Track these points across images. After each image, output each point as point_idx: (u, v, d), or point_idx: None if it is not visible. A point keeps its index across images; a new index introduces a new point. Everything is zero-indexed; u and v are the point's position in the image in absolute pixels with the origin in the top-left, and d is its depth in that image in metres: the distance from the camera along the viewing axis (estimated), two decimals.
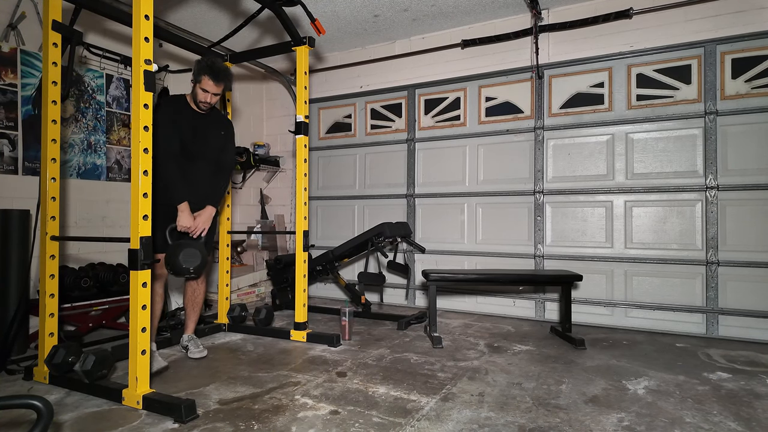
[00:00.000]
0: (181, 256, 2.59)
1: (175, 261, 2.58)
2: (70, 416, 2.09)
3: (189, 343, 3.05)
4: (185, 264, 2.59)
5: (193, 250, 2.64)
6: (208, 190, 2.90)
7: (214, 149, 2.94)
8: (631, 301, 3.76)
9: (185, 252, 2.61)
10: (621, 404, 2.24)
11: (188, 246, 2.64)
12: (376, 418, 2.06)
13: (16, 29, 3.32)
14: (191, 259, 2.62)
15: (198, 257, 2.65)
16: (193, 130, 2.85)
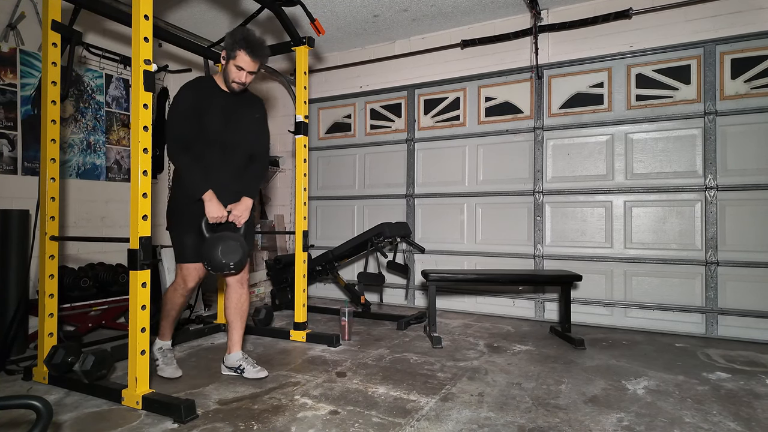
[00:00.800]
0: (219, 250, 2.29)
1: (213, 255, 2.28)
2: (69, 416, 2.09)
3: (243, 363, 2.58)
4: (225, 258, 2.30)
5: (233, 243, 2.34)
6: (245, 181, 2.55)
7: (249, 135, 2.56)
8: (631, 301, 3.76)
9: (225, 245, 2.31)
10: (620, 404, 2.24)
11: (228, 239, 2.34)
12: (375, 418, 2.06)
13: (15, 29, 3.32)
14: (231, 254, 2.32)
15: (238, 251, 2.34)
16: (224, 115, 2.46)
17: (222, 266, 2.31)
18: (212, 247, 2.30)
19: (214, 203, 2.37)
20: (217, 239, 2.32)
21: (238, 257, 2.34)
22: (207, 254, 2.31)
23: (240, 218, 2.47)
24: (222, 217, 2.38)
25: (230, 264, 2.32)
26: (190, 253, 2.44)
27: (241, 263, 2.36)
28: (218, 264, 2.31)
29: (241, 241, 2.39)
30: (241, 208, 2.48)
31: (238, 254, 2.35)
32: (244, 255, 2.38)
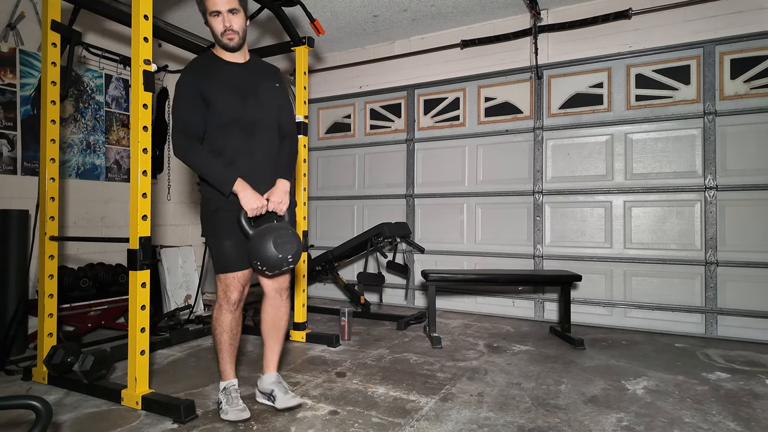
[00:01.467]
0: (272, 243, 1.89)
1: (266, 251, 1.89)
2: (69, 417, 2.09)
3: (275, 387, 2.18)
4: (281, 251, 1.89)
5: (286, 233, 1.93)
6: (276, 162, 2.14)
7: (272, 108, 2.13)
8: (630, 301, 3.76)
9: (277, 236, 1.91)
10: (620, 404, 2.24)
11: (278, 229, 1.94)
12: (375, 419, 2.06)
13: (15, 29, 3.32)
14: (286, 244, 1.91)
15: (293, 241, 1.94)
16: (237, 90, 2.06)
17: (279, 261, 1.91)
18: (262, 242, 1.90)
19: (249, 192, 1.98)
20: (265, 232, 1.92)
21: (294, 247, 1.95)
22: (257, 252, 1.90)
23: (281, 204, 2.05)
24: (261, 206, 1.99)
25: (288, 257, 1.91)
26: (232, 259, 2.05)
27: (299, 254, 1.98)
28: (274, 260, 1.90)
29: (292, 230, 2.00)
30: (279, 193, 2.06)
31: (294, 244, 1.95)
32: (299, 245, 1.98)
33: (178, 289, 4.08)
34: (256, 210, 1.98)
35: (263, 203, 1.99)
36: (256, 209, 1.98)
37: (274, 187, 2.07)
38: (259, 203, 1.98)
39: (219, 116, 2.01)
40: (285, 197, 2.07)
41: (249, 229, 1.94)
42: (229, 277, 2.06)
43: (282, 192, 2.07)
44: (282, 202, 2.05)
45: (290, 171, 2.16)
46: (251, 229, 1.95)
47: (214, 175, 1.97)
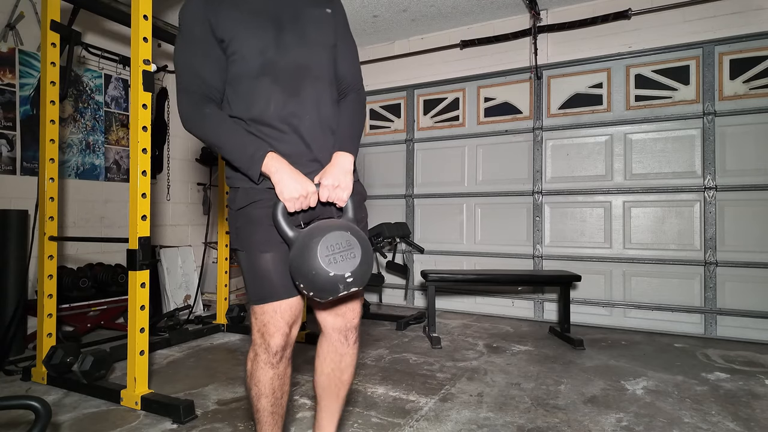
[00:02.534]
0: (318, 253, 1.20)
1: (310, 266, 1.21)
2: (68, 417, 2.09)
3: None
4: (334, 267, 1.21)
5: (341, 235, 1.25)
6: (333, 126, 1.44)
7: (325, 48, 1.43)
8: (630, 302, 3.76)
9: (326, 241, 1.22)
10: (619, 404, 2.25)
11: (330, 229, 1.26)
12: (375, 419, 2.06)
13: (14, 29, 3.32)
14: (342, 255, 1.23)
15: (355, 249, 1.25)
16: (272, 21, 1.37)
17: (331, 283, 1.21)
18: (305, 252, 1.22)
19: (286, 174, 1.29)
20: (311, 235, 1.24)
21: (356, 260, 1.23)
22: (299, 267, 1.23)
23: (338, 190, 1.34)
24: (306, 195, 1.30)
25: (345, 275, 1.21)
26: (273, 282, 1.34)
27: (364, 272, 1.27)
28: (323, 280, 1.20)
29: (353, 229, 1.29)
30: (335, 173, 1.35)
31: (356, 255, 1.24)
32: (365, 256, 1.26)
33: (177, 289, 4.08)
34: (298, 201, 1.29)
35: (309, 190, 1.30)
36: (298, 200, 1.29)
37: (329, 165, 1.36)
38: (303, 190, 1.28)
39: (242, 63, 1.33)
40: (345, 179, 1.35)
41: (289, 231, 1.27)
42: (268, 310, 1.33)
43: (340, 171, 1.35)
44: (339, 186, 1.33)
45: (354, 141, 1.44)
46: (293, 230, 1.27)
47: (235, 149, 1.30)
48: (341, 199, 1.35)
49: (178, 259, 4.15)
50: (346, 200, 1.36)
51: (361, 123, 1.49)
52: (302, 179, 1.30)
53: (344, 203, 1.36)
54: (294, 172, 1.30)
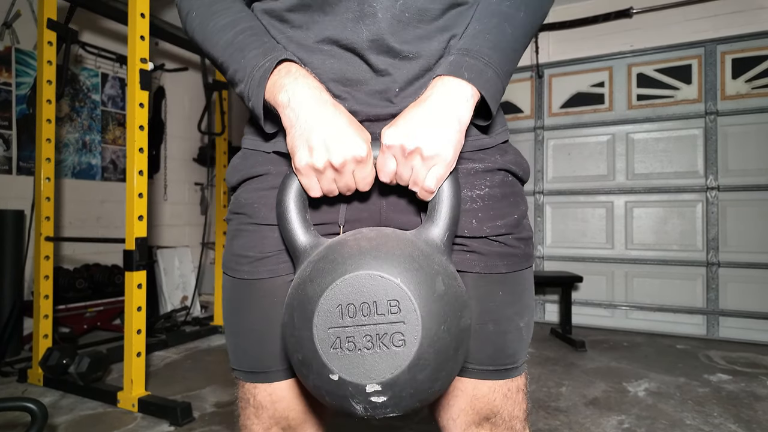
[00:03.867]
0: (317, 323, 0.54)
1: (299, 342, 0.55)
2: (64, 419, 2.07)
3: None
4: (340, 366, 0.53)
5: (387, 284, 0.53)
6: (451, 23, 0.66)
7: None
8: (632, 303, 3.74)
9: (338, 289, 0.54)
10: (621, 406, 2.23)
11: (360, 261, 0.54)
12: (374, 421, 2.04)
13: (10, 28, 3.29)
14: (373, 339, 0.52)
15: (411, 321, 0.52)
16: None
17: (332, 391, 0.56)
18: (302, 301, 0.56)
19: (309, 105, 0.61)
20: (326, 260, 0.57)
21: (400, 354, 0.52)
22: (287, 325, 0.58)
23: (417, 159, 0.60)
24: (343, 162, 0.60)
25: (365, 387, 0.53)
26: (238, 341, 0.75)
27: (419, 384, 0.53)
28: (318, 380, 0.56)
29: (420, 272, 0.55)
30: (416, 123, 0.60)
31: (405, 337, 0.52)
32: (428, 343, 0.52)
33: (174, 290, 4.05)
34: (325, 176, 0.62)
35: (352, 153, 0.60)
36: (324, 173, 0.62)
37: (410, 106, 0.63)
38: (339, 150, 0.60)
39: None
40: (433, 136, 0.59)
41: (301, 232, 0.64)
42: (241, 391, 0.80)
43: (426, 118, 0.60)
44: (419, 150, 0.59)
45: (485, 52, 0.63)
46: (308, 232, 0.64)
47: (226, 42, 0.68)
48: (420, 181, 0.61)
49: (175, 259, 4.12)
50: (435, 187, 0.61)
51: (519, 19, 0.65)
52: (345, 129, 0.61)
53: (429, 193, 0.62)
54: (329, 108, 0.62)
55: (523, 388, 0.75)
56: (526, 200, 0.75)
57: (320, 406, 0.76)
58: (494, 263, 0.69)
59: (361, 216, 0.70)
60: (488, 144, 0.71)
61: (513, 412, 0.72)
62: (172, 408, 2.03)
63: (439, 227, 0.61)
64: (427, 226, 0.61)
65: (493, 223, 0.69)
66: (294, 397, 0.73)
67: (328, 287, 0.54)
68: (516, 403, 0.73)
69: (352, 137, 0.60)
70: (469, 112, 0.62)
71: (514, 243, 0.70)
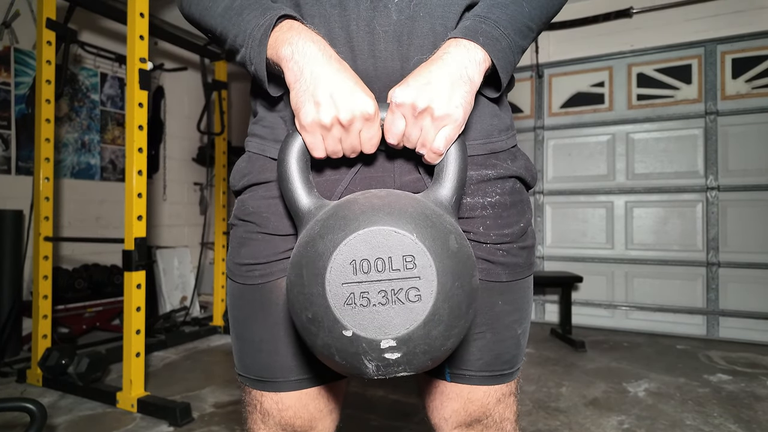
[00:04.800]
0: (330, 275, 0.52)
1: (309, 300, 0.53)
2: (63, 419, 2.07)
3: None
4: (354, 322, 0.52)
5: (402, 238, 0.52)
6: None
7: None
8: (632, 303, 3.74)
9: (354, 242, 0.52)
10: (621, 407, 2.22)
11: (375, 216, 0.53)
12: (374, 422, 2.04)
13: (9, 27, 3.29)
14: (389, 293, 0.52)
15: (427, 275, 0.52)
16: None
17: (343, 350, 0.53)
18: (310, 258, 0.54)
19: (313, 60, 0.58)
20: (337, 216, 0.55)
21: (416, 308, 0.52)
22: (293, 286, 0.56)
23: (428, 119, 0.58)
24: (350, 120, 0.58)
25: (380, 342, 0.52)
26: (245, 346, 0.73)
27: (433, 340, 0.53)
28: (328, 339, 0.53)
29: (435, 228, 0.54)
30: (426, 82, 0.58)
31: (421, 292, 0.52)
32: (444, 299, 0.52)
33: (173, 290, 4.05)
34: (331, 133, 0.59)
35: (360, 110, 0.58)
36: (330, 130, 0.59)
37: (425, 63, 0.61)
38: (345, 106, 0.58)
39: None
40: (444, 95, 0.58)
41: (304, 193, 0.61)
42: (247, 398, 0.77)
43: (437, 77, 0.58)
44: (429, 109, 0.58)
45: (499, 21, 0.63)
46: (312, 194, 0.62)
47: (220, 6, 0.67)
48: (428, 142, 0.60)
49: (174, 260, 4.11)
50: (444, 149, 0.60)
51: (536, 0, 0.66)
52: (352, 85, 0.59)
53: (438, 156, 0.61)
54: (335, 63, 0.60)
55: (514, 392, 0.76)
56: (531, 207, 0.77)
57: (327, 414, 0.77)
58: (496, 271, 0.69)
59: (372, 185, 0.67)
60: (500, 148, 0.71)
61: (504, 414, 0.73)
62: (171, 408, 2.02)
63: (447, 188, 0.61)
64: (435, 188, 0.61)
65: (500, 231, 0.69)
66: (302, 406, 0.72)
67: (342, 242, 0.52)
68: (507, 406, 0.74)
69: (360, 93, 0.58)
70: (480, 75, 0.61)
71: (517, 252, 0.71)
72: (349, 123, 0.58)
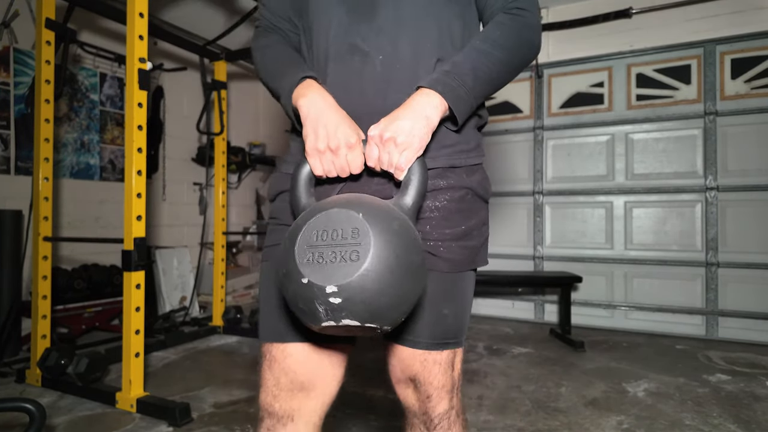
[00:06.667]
0: (299, 241, 0.72)
1: (285, 259, 0.73)
2: (62, 420, 2.07)
3: None
4: (310, 272, 0.69)
5: (351, 216, 0.70)
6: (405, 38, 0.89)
7: None
8: (631, 303, 3.74)
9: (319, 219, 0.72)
10: (620, 407, 2.23)
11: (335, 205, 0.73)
12: (374, 422, 2.04)
13: (9, 27, 3.28)
14: (336, 253, 0.69)
15: (366, 243, 0.68)
16: None
17: (303, 296, 0.70)
18: (290, 234, 0.75)
19: (317, 108, 0.85)
20: (313, 209, 0.76)
21: (354, 265, 0.67)
22: (279, 256, 0.77)
23: (392, 146, 0.80)
24: (335, 148, 0.82)
25: (325, 288, 0.67)
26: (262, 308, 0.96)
27: (372, 294, 0.67)
28: (294, 287, 0.71)
29: (378, 211, 0.73)
30: (394, 119, 0.81)
31: (359, 254, 0.68)
32: (380, 261, 0.68)
33: (173, 290, 4.04)
34: (325, 157, 0.83)
35: (344, 141, 0.82)
36: (324, 154, 0.83)
37: (398, 110, 0.83)
38: (333, 138, 0.82)
39: None
40: (406, 129, 0.80)
41: (303, 198, 0.84)
42: (263, 353, 0.93)
43: (403, 116, 0.81)
44: (393, 139, 0.80)
45: (459, 74, 0.84)
46: (309, 199, 0.85)
47: (274, 77, 0.95)
48: (394, 162, 0.79)
49: (173, 260, 4.11)
50: (405, 167, 0.79)
51: (495, 56, 0.85)
52: (341, 123, 0.81)
53: (401, 171, 0.79)
54: (339, 111, 0.83)
55: (442, 364, 0.89)
56: (482, 215, 0.96)
57: (329, 372, 0.95)
58: (436, 263, 0.87)
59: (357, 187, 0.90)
60: (458, 164, 0.91)
61: (428, 380, 0.89)
62: (170, 408, 2.02)
63: (408, 197, 0.79)
64: (400, 197, 0.79)
65: (442, 231, 0.88)
66: (304, 356, 0.90)
67: (311, 218, 0.73)
68: (432, 374, 0.89)
69: (345, 127, 0.82)
70: (437, 116, 0.82)
71: (456, 250, 0.89)
72: (336, 149, 0.81)
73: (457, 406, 0.93)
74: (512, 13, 0.89)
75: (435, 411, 0.90)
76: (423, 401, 0.91)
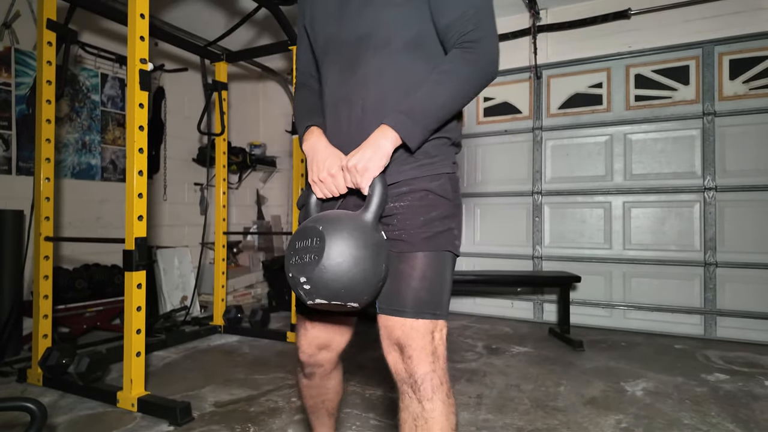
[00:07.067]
0: (290, 247, 1.07)
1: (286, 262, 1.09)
2: (63, 419, 2.07)
3: None
4: (293, 270, 1.04)
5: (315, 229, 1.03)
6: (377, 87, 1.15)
7: (396, 5, 1.13)
8: (630, 303, 3.75)
9: (301, 231, 1.06)
10: (619, 406, 2.23)
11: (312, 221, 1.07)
12: (373, 421, 2.05)
13: (10, 28, 3.29)
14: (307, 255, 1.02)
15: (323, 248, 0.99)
16: None
17: (293, 286, 1.06)
18: (288, 246, 1.10)
19: (315, 150, 1.17)
20: (298, 229, 1.09)
21: (314, 264, 0.99)
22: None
23: (356, 168, 1.07)
24: (324, 178, 1.13)
25: (300, 279, 1.01)
26: None
27: (328, 282, 0.99)
28: (289, 280, 1.07)
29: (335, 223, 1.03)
30: (360, 152, 1.08)
31: (318, 256, 0.99)
32: (330, 259, 0.99)
33: (174, 290, 4.05)
34: (322, 184, 1.13)
35: (331, 171, 1.11)
36: (320, 183, 1.14)
37: (365, 142, 1.09)
38: (325, 170, 1.12)
39: (315, 44, 1.28)
40: (365, 159, 1.05)
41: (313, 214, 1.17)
42: (299, 321, 1.32)
43: (365, 149, 1.06)
44: (356, 167, 1.06)
45: (409, 112, 1.06)
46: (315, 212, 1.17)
47: (297, 120, 1.30)
48: (357, 184, 1.08)
49: (174, 259, 4.12)
50: (365, 186, 1.06)
51: (447, 87, 1.06)
52: (327, 158, 1.13)
53: (364, 190, 1.08)
54: (326, 149, 1.15)
55: (420, 330, 1.07)
56: (442, 210, 1.13)
57: (340, 335, 1.30)
58: (400, 247, 1.11)
59: (346, 205, 1.18)
60: (420, 175, 1.13)
61: (408, 342, 1.06)
62: (171, 408, 2.03)
63: (369, 210, 1.05)
64: (363, 207, 1.06)
65: (404, 222, 1.11)
66: (322, 326, 1.27)
67: (296, 232, 1.05)
68: (411, 337, 1.06)
69: (330, 162, 1.12)
70: (391, 146, 1.06)
71: (416, 235, 1.10)
72: (324, 179, 1.12)
73: (441, 374, 1.07)
74: (464, 47, 1.09)
75: (417, 371, 1.05)
76: (406, 362, 1.07)
